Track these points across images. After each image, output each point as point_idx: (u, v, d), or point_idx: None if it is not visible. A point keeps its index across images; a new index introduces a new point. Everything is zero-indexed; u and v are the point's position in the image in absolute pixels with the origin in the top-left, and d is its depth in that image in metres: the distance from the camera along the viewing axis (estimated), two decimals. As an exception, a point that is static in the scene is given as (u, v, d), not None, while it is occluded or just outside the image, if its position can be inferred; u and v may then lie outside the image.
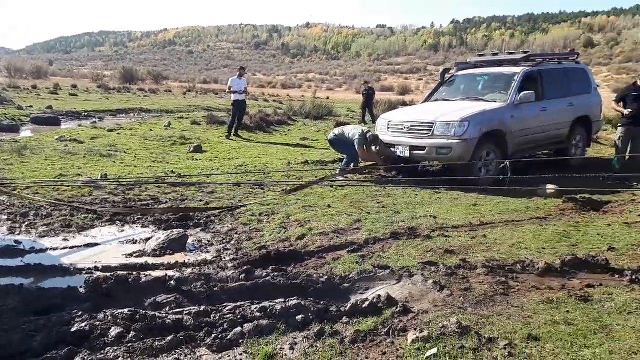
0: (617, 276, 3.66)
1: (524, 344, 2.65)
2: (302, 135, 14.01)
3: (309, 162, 9.41)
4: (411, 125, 7.70)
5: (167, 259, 4.43)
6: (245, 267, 3.98)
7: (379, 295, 3.33)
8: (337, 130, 8.79)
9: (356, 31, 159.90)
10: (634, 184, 7.19)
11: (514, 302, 3.21)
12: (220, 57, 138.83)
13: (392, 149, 7.83)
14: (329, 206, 6.11)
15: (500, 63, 8.91)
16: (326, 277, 3.78)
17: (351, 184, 7.50)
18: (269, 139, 13.56)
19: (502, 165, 7.01)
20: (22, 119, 15.20)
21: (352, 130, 8.46)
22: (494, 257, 4.10)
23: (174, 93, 27.95)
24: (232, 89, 13.09)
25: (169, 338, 2.86)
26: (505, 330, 2.81)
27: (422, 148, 7.39)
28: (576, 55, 9.71)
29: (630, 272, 3.68)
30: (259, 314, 3.18)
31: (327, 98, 32.35)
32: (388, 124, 8.14)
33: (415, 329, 2.85)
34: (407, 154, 7.57)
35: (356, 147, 8.15)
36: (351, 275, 3.79)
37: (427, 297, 3.37)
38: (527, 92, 7.78)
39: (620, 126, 8.18)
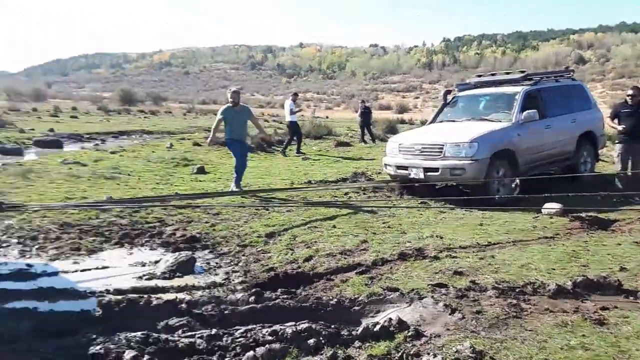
0: (631, 298, 3.63)
1: (540, 368, 2.64)
2: (303, 155, 14.05)
3: (312, 181, 9.44)
4: (422, 147, 7.83)
5: (176, 282, 4.42)
6: (255, 290, 3.96)
7: (390, 319, 3.30)
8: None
9: (349, 50, 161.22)
10: (637, 199, 7.21)
11: (528, 326, 3.20)
12: (217, 77, 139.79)
13: (406, 171, 7.92)
14: (334, 227, 6.12)
15: (499, 83, 9.06)
16: (336, 299, 3.75)
17: (355, 205, 7.51)
18: (271, 159, 13.60)
19: (514, 183, 7.13)
20: (25, 142, 15.32)
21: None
22: (504, 278, 4.09)
23: (174, 114, 28.09)
24: (292, 111, 14.37)
25: (184, 362, 2.85)
26: (521, 356, 2.79)
27: (436, 169, 7.53)
28: (571, 72, 9.86)
29: (644, 294, 3.65)
30: (270, 338, 3.15)
31: (327, 117, 32.47)
32: (399, 147, 8.26)
33: (428, 354, 2.83)
34: (422, 175, 7.68)
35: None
36: (360, 298, 3.77)
37: (438, 320, 3.36)
38: (529, 110, 7.91)
39: (617, 143, 8.19)
